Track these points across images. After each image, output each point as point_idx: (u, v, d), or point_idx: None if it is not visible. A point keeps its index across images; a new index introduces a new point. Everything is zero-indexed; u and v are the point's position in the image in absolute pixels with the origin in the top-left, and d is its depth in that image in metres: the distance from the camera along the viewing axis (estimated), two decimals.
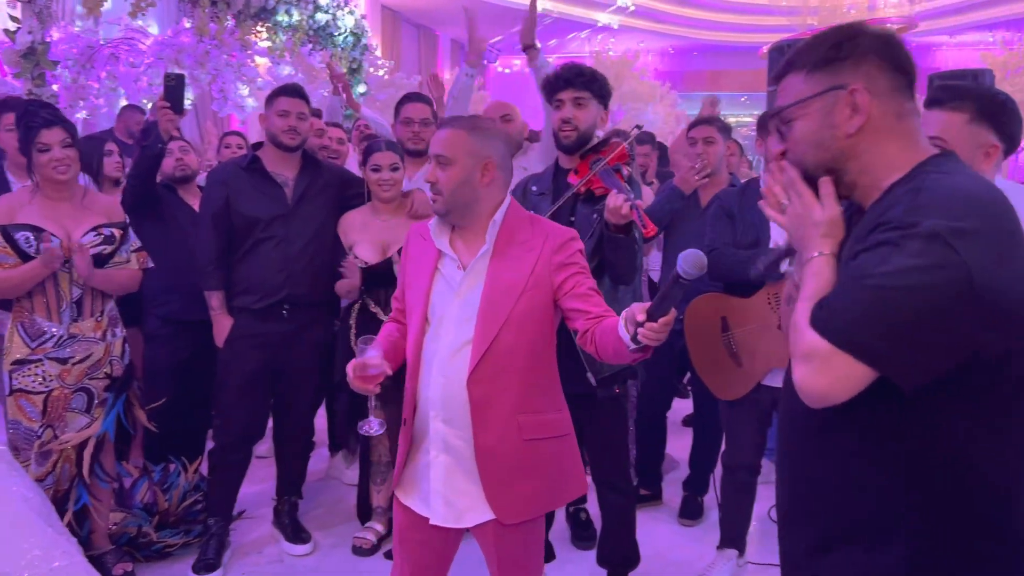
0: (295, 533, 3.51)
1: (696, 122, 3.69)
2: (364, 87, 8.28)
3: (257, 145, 3.51)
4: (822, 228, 1.33)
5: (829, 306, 1.20)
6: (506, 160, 2.13)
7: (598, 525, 3.48)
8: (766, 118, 1.43)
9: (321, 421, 4.21)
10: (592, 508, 3.67)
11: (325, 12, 7.52)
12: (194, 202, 3.70)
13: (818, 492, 1.35)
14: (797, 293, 1.32)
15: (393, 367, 2.17)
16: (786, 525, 1.46)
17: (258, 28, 6.95)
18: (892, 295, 1.14)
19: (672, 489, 4.01)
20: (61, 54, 5.69)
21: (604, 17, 14.12)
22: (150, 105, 5.05)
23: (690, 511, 3.83)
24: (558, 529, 3.48)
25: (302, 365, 3.43)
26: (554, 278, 2.06)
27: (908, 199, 1.21)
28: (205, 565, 3.28)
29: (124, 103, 5.95)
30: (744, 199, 2.98)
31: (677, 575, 3.29)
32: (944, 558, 1.22)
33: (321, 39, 7.62)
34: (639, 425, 3.99)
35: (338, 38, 7.83)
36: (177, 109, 3.46)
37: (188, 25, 6.33)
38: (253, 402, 3.42)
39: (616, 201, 2.47)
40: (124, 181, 3.89)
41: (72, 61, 5.78)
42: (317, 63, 7.53)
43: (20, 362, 2.93)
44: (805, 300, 1.27)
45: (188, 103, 6.29)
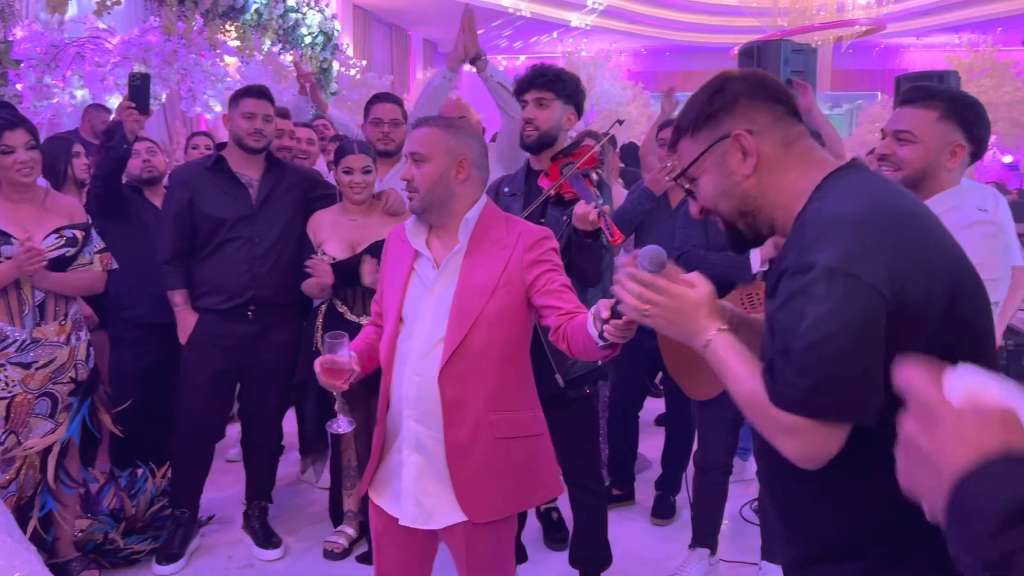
0: (265, 538, 3.47)
1: (666, 123, 3.70)
2: (335, 87, 8.23)
3: (221, 145, 3.47)
4: (705, 308, 1.34)
5: (780, 380, 1.19)
6: (482, 159, 2.14)
7: (570, 525, 3.48)
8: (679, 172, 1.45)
9: (292, 424, 4.17)
10: (564, 508, 3.67)
11: (295, 11, 7.47)
12: (160, 203, 3.66)
13: (792, 516, 1.37)
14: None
15: (368, 369, 2.16)
16: (778, 537, 1.49)
17: (227, 27, 6.89)
18: (825, 348, 1.14)
19: (644, 489, 4.02)
20: (24, 53, 5.59)
21: (576, 18, 14.15)
22: (116, 105, 4.97)
23: (662, 510, 3.84)
24: (530, 530, 3.48)
25: (268, 367, 3.40)
26: (526, 276, 2.06)
27: (797, 238, 1.23)
28: (168, 556, 3.27)
29: (90, 103, 5.86)
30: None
31: (650, 574, 3.30)
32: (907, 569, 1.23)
33: (291, 39, 7.56)
34: (611, 425, 4.00)
35: (307, 37, 7.78)
36: (142, 109, 3.42)
37: (156, 24, 6.26)
38: (214, 402, 3.40)
39: (583, 208, 2.51)
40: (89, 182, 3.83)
41: (36, 60, 5.69)
42: (287, 63, 7.48)
43: None
44: (745, 378, 1.27)
45: (156, 103, 6.22)
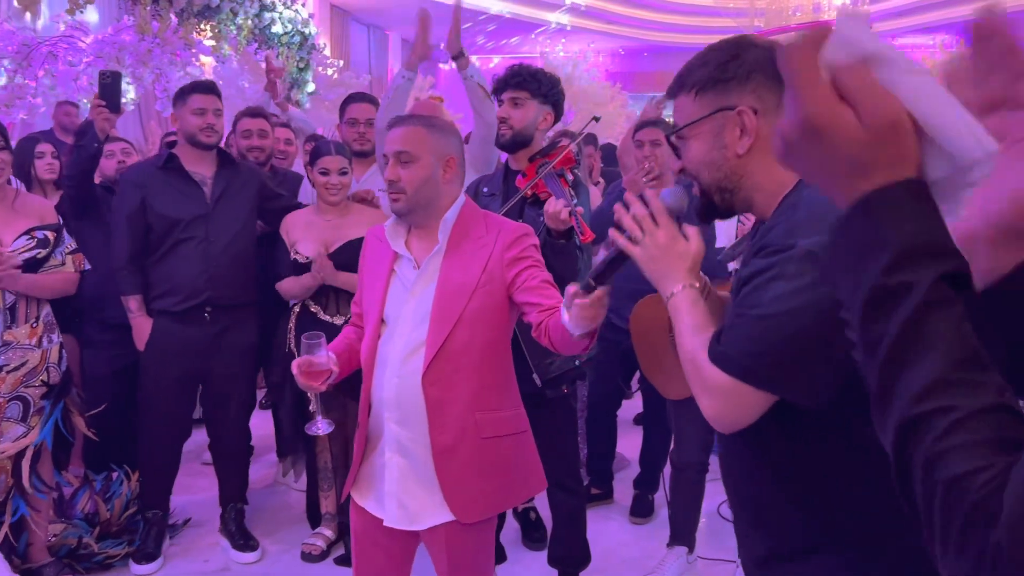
0: (242, 540, 3.44)
1: (641, 124, 3.70)
2: (312, 86, 8.19)
3: (171, 144, 3.43)
4: (689, 260, 1.36)
5: (725, 340, 1.22)
6: (463, 157, 2.16)
7: (548, 525, 3.49)
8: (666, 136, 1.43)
9: (269, 426, 4.15)
10: (542, 508, 3.67)
11: (270, 10, 7.42)
12: None
13: (751, 512, 1.37)
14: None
15: (347, 370, 2.16)
16: (738, 541, 1.48)
17: (202, 27, 6.83)
18: (779, 321, 1.16)
19: (623, 488, 4.03)
20: None
21: (555, 18, 14.16)
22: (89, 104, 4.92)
23: (641, 509, 3.85)
24: (508, 530, 3.48)
25: (229, 371, 3.36)
26: (506, 273, 2.06)
27: (785, 218, 1.23)
28: (144, 555, 3.25)
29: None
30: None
31: (628, 573, 3.31)
32: (873, 561, 1.23)
33: (267, 38, 7.52)
34: (590, 424, 4.01)
35: (284, 37, 7.73)
36: (113, 107, 3.38)
37: (130, 23, 6.19)
38: (178, 406, 3.38)
39: (555, 207, 2.51)
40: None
41: (8, 60, 5.61)
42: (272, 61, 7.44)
43: None
44: (691, 333, 1.29)
45: (131, 102, 6.15)
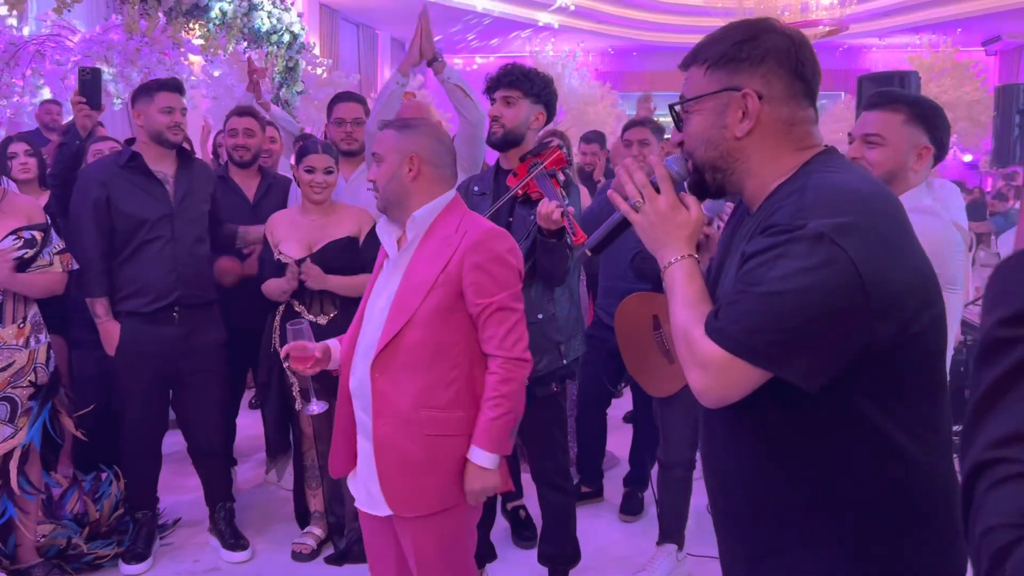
0: (233, 540, 3.44)
1: (630, 124, 3.71)
2: (301, 85, 8.17)
3: (130, 141, 3.39)
4: (689, 229, 1.35)
5: (724, 316, 1.21)
6: (440, 156, 2.16)
7: (538, 523, 3.49)
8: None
9: (258, 426, 4.14)
10: (531, 506, 3.68)
11: (259, 9, 7.40)
12: None
13: (743, 506, 1.36)
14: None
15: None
16: (720, 539, 1.47)
17: (191, 26, 6.81)
18: (782, 299, 1.15)
19: (613, 486, 4.04)
20: None
21: (544, 17, 14.17)
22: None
23: (631, 507, 3.86)
24: (498, 528, 3.48)
25: (202, 368, 3.34)
26: (464, 277, 2.06)
27: (794, 200, 1.21)
28: (134, 555, 3.24)
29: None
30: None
31: (618, 570, 3.32)
32: (878, 551, 1.23)
33: (256, 37, 7.50)
34: (579, 422, 4.02)
35: (273, 36, 7.72)
36: (94, 104, 3.35)
37: (118, 22, 6.16)
38: (153, 407, 3.36)
39: (547, 208, 2.51)
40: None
41: None
42: (255, 61, 7.42)
43: None
44: (685, 306, 1.28)
45: (119, 101, 6.13)
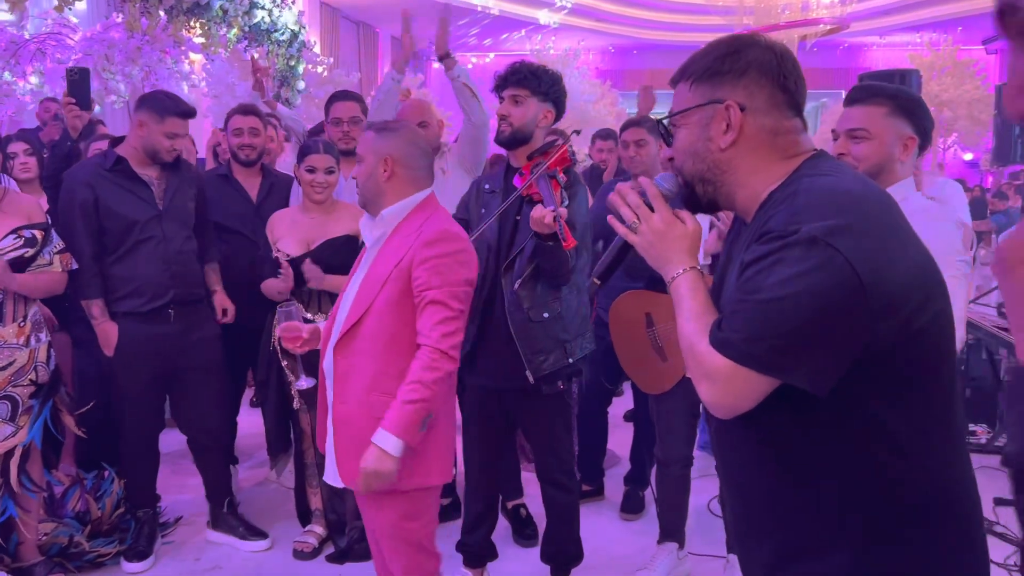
0: (249, 530, 3.48)
1: (626, 124, 3.69)
2: (303, 84, 8.17)
3: (115, 142, 3.37)
4: (687, 241, 1.36)
5: (726, 326, 1.22)
6: (413, 159, 2.28)
7: (539, 521, 3.49)
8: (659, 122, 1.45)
9: (259, 425, 4.14)
10: (532, 505, 3.68)
11: (261, 8, 7.40)
12: None
13: (760, 513, 1.36)
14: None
15: None
16: (739, 545, 1.47)
17: (192, 24, 6.81)
18: (781, 305, 1.16)
19: (613, 484, 4.04)
20: None
21: (545, 15, 14.17)
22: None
23: (631, 505, 3.86)
24: (498, 527, 3.48)
25: (199, 365, 3.36)
26: (413, 272, 2.17)
27: (787, 205, 1.23)
28: (136, 553, 3.26)
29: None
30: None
31: (619, 569, 3.32)
32: (888, 555, 1.23)
33: (257, 36, 7.50)
34: (580, 420, 4.00)
35: (275, 35, 7.72)
36: (83, 104, 3.34)
37: (119, 20, 6.16)
38: (151, 406, 3.38)
39: (539, 213, 2.53)
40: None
41: None
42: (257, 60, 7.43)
43: None
44: (690, 319, 1.29)
45: (120, 100, 6.13)
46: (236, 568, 3.35)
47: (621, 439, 4.32)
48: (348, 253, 3.24)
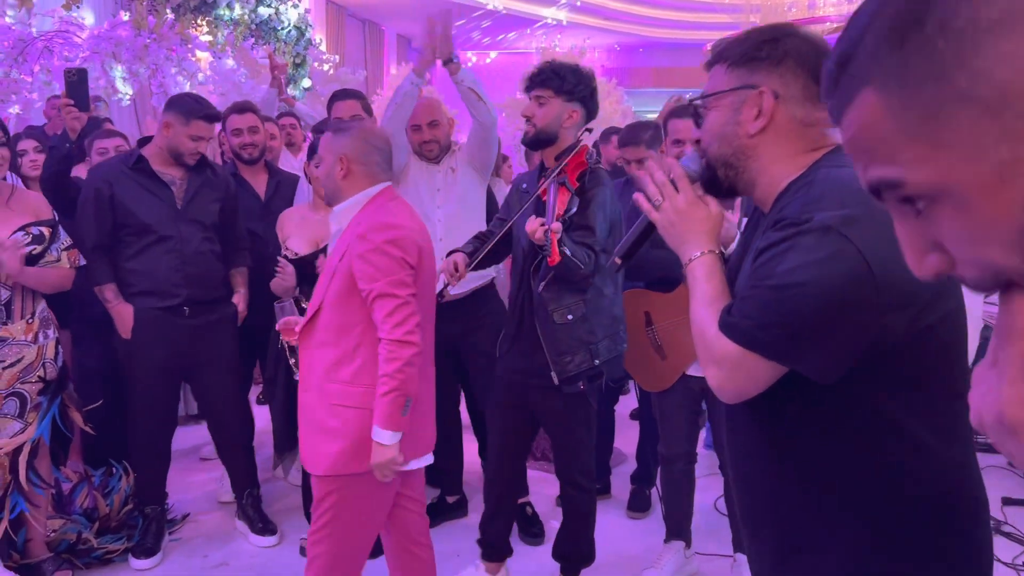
0: (261, 524, 3.50)
1: (625, 142, 3.69)
2: (309, 82, 8.18)
3: (143, 141, 3.39)
4: (708, 224, 1.36)
5: (736, 311, 1.22)
6: (367, 155, 2.35)
7: (545, 520, 3.50)
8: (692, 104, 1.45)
9: (266, 420, 4.15)
10: (537, 503, 3.69)
11: (267, 6, 7.41)
12: None
13: (764, 504, 1.36)
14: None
15: None
16: (747, 535, 1.48)
17: (199, 22, 6.82)
18: (791, 292, 1.16)
19: (620, 482, 4.04)
20: None
21: (551, 13, 14.15)
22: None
23: (638, 504, 3.86)
24: None
25: (216, 358, 3.38)
26: (353, 266, 2.26)
27: (802, 195, 1.23)
28: (144, 550, 3.27)
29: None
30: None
31: (626, 568, 3.32)
32: (903, 549, 1.23)
33: (264, 33, 7.51)
34: None
35: (281, 32, 7.73)
36: (82, 106, 3.35)
37: (126, 18, 6.17)
38: (164, 398, 3.39)
39: (532, 226, 2.54)
40: None
41: (3, 55, 5.59)
42: (260, 58, 7.42)
43: None
44: (706, 304, 1.29)
45: (127, 98, 6.14)
46: (243, 565, 3.35)
47: (628, 437, 4.32)
48: None
